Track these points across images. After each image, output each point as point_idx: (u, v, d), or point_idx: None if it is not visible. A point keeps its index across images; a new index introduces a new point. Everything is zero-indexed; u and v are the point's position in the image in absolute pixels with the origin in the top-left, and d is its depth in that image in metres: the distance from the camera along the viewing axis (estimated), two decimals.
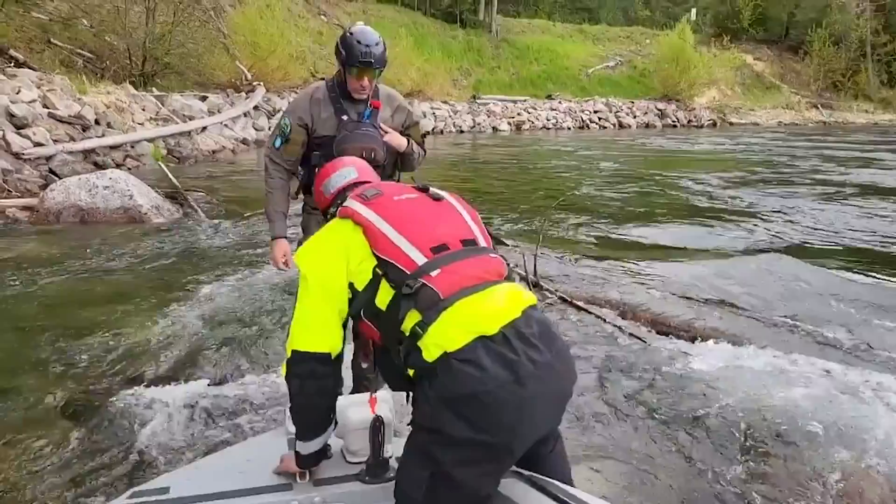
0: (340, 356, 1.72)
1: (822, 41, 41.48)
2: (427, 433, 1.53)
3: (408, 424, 1.62)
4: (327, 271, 1.68)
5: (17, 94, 10.70)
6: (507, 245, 1.98)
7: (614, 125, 31.84)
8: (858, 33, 43.31)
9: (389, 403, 1.93)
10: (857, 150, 20.03)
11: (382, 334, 1.64)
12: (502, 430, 1.48)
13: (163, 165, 9.35)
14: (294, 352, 1.67)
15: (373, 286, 1.64)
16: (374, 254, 1.65)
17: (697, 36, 38.15)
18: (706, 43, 41.41)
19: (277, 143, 2.91)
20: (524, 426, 1.51)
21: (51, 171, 9.40)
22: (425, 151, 3.18)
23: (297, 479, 1.84)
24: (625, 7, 52.91)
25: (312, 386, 1.68)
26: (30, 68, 12.78)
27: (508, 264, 1.78)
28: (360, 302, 1.66)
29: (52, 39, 15.80)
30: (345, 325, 1.72)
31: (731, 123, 35.25)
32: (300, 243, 2.91)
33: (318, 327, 1.66)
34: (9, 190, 8.00)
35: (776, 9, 45.20)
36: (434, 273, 1.59)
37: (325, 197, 2.05)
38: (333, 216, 1.87)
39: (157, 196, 7.98)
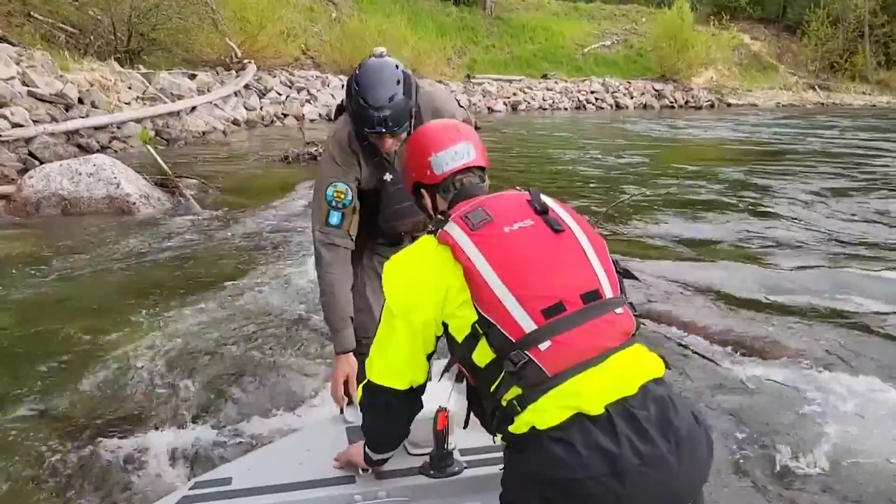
0: (424, 385, 1.56)
1: (819, 21, 40.99)
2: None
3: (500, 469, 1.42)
4: (418, 312, 1.44)
5: None
6: (638, 278, 1.52)
7: (611, 106, 31.29)
8: (857, 13, 42.83)
9: (455, 394, 1.76)
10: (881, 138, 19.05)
11: (477, 385, 1.44)
12: None
13: (151, 149, 8.79)
14: (370, 382, 1.53)
15: (471, 341, 1.38)
16: (474, 306, 1.36)
17: (694, 14, 37.57)
18: (703, 22, 40.83)
19: (335, 219, 2.19)
20: None
21: (30, 154, 8.79)
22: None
23: (360, 471, 1.80)
24: None
25: (389, 417, 1.58)
26: (8, 43, 12.07)
27: (636, 314, 1.45)
28: (456, 353, 1.44)
29: (32, 13, 15.05)
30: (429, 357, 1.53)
31: (728, 105, 34.79)
32: None
33: (401, 365, 1.49)
34: None
35: None
36: (543, 346, 1.31)
37: (429, 172, 1.60)
38: (435, 209, 1.62)
39: (145, 184, 7.42)
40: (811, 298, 4.85)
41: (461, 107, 2.51)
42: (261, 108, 17.00)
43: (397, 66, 2.12)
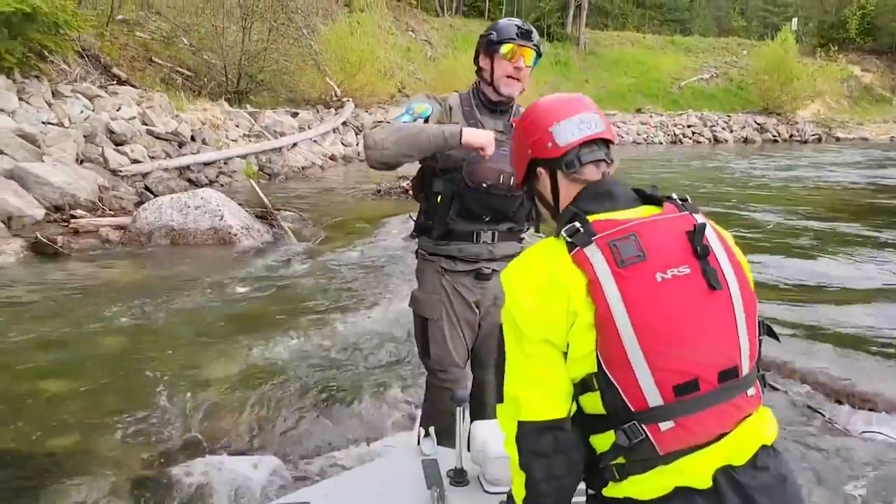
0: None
1: None
2: None
3: None
4: (556, 332, 1.21)
5: (118, 111, 10.95)
6: (779, 339, 1.42)
7: (709, 140, 30.43)
8: None
9: None
10: None
11: (578, 429, 1.25)
12: None
13: (254, 183, 9.26)
14: (525, 424, 1.23)
15: (580, 388, 1.23)
16: (597, 356, 1.18)
17: (799, 46, 36.16)
18: (809, 53, 39.21)
19: (405, 118, 2.23)
20: None
21: (146, 187, 9.47)
22: None
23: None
24: (719, 17, 50.96)
25: (562, 463, 1.23)
26: (131, 86, 13.12)
27: (764, 384, 1.32)
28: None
29: (153, 58, 16.29)
30: None
31: (837, 139, 33.07)
32: (414, 297, 2.49)
33: (557, 389, 1.23)
34: (104, 208, 8.02)
35: (886, 17, 42.31)
36: (664, 426, 1.17)
37: (550, 144, 1.36)
38: (555, 194, 1.38)
39: (246, 216, 7.82)
40: None
41: None
42: (357, 144, 17.60)
43: None
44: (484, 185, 2.25)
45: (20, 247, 6.41)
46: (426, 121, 2.24)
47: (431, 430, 2.01)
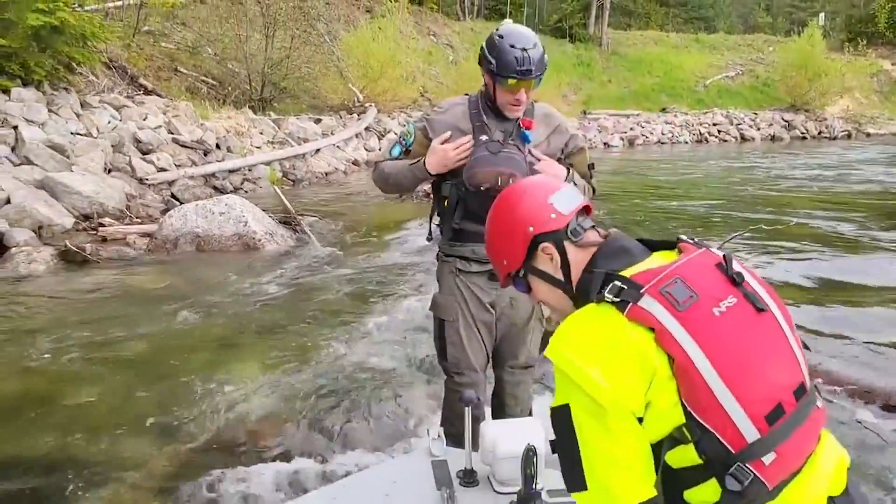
0: None
1: None
2: None
3: None
4: (634, 400, 1.13)
5: (144, 120, 11.10)
6: (810, 349, 1.39)
7: (736, 138, 29.99)
8: None
9: (543, 433, 1.76)
10: None
11: (668, 489, 1.20)
12: None
13: (277, 189, 9.34)
14: None
15: (669, 443, 1.16)
16: (683, 405, 1.13)
17: (827, 41, 35.52)
18: (837, 48, 38.51)
19: (396, 150, 2.45)
20: None
21: (173, 195, 9.59)
22: (595, 189, 2.52)
23: None
24: (744, 14, 50.35)
25: None
26: (157, 95, 13.32)
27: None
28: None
29: (178, 68, 16.52)
30: None
31: (867, 134, 32.38)
32: (433, 300, 2.48)
33: (642, 460, 1.16)
34: (131, 216, 8.14)
35: None
36: (768, 460, 1.12)
37: (554, 215, 1.35)
38: (566, 268, 1.34)
39: (270, 221, 7.89)
40: None
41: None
42: (379, 149, 17.66)
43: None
44: (482, 188, 2.26)
45: (50, 255, 6.53)
46: (409, 147, 2.40)
47: (441, 431, 2.02)
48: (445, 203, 2.39)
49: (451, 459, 1.94)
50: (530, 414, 2.58)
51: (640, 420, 1.15)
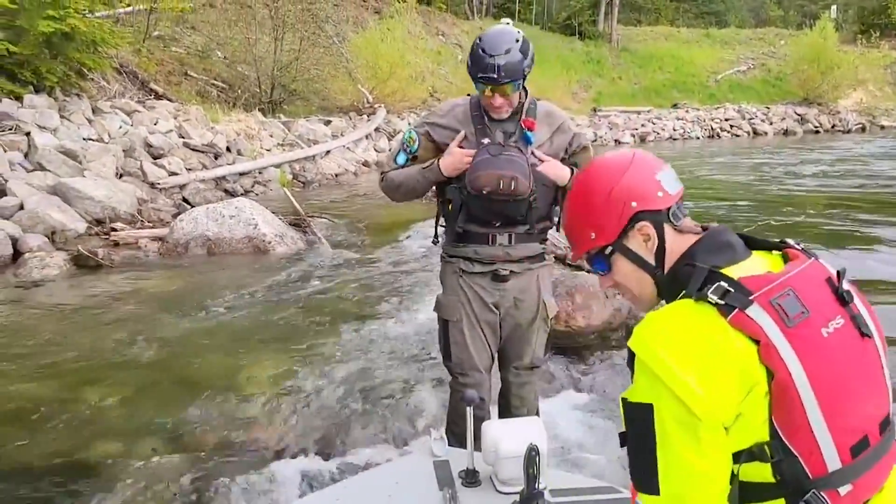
0: None
1: None
2: None
3: None
4: (728, 408, 1.06)
5: (155, 125, 11.19)
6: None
7: (748, 133, 29.79)
8: None
9: (545, 432, 1.81)
10: None
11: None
12: None
13: (287, 192, 9.39)
14: None
15: (749, 457, 1.10)
16: (772, 424, 1.07)
17: (840, 34, 35.19)
18: (850, 41, 38.14)
19: (401, 159, 2.47)
20: None
21: (184, 199, 9.66)
22: None
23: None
24: (755, 8, 49.98)
25: None
26: (168, 100, 13.41)
27: None
28: None
29: (188, 72, 16.63)
30: None
31: (882, 127, 32.08)
32: (437, 300, 2.49)
33: (725, 476, 1.08)
34: (143, 220, 8.21)
35: None
36: (843, 490, 1.09)
37: (661, 194, 1.24)
38: (661, 254, 1.24)
39: (280, 224, 7.92)
40: None
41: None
42: (389, 150, 17.67)
43: (518, 32, 2.30)
44: (483, 191, 2.26)
45: (63, 260, 6.60)
46: (415, 153, 2.43)
47: (442, 431, 2.02)
48: (450, 206, 2.41)
49: (454, 459, 1.94)
50: (537, 414, 2.58)
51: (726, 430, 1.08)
